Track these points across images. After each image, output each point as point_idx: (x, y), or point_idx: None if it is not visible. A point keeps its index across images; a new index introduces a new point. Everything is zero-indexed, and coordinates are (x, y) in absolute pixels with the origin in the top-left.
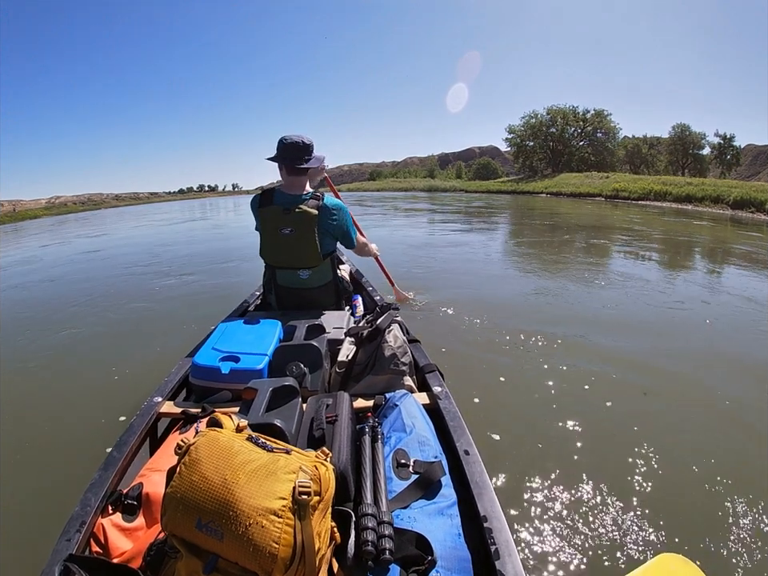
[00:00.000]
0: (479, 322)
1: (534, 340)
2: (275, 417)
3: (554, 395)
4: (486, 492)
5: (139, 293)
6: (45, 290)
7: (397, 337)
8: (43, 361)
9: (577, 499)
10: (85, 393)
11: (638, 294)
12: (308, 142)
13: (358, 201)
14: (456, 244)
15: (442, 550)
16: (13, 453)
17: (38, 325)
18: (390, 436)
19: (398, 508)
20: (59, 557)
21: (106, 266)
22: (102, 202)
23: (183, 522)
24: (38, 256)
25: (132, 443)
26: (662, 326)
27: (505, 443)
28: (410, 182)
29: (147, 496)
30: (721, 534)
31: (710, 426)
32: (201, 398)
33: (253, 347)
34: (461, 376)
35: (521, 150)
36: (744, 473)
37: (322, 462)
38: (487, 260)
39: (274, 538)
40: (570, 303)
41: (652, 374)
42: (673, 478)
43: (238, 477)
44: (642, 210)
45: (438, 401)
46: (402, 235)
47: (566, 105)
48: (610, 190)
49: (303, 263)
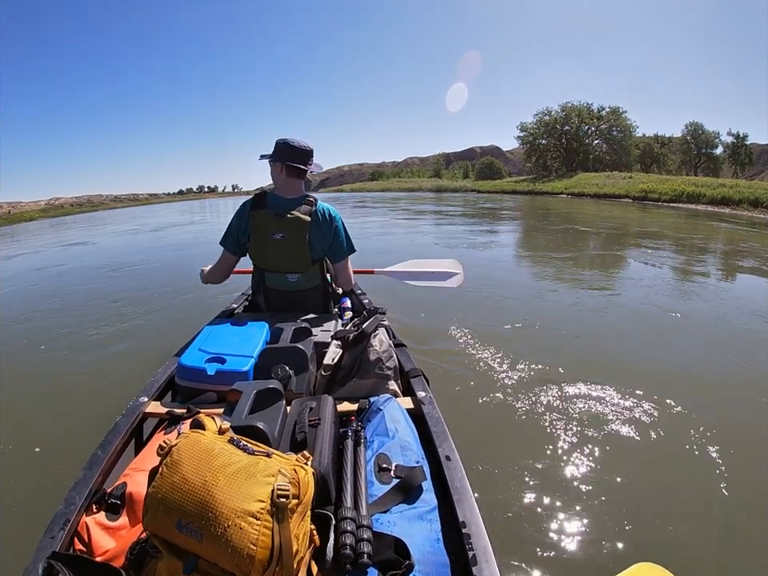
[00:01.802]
0: (469, 329)
1: (526, 351)
2: (258, 419)
3: (539, 403)
4: (466, 498)
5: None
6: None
7: (382, 341)
8: (27, 362)
9: (555, 507)
10: (70, 392)
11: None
12: (306, 147)
13: (361, 202)
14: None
15: (420, 555)
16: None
17: (22, 326)
18: (372, 440)
19: (378, 512)
20: (43, 554)
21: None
22: (100, 203)
23: (164, 522)
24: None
25: (117, 443)
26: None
27: (487, 450)
28: (417, 182)
29: (131, 495)
30: (699, 543)
31: (694, 438)
32: (186, 398)
33: (239, 349)
34: (445, 381)
35: (534, 149)
36: (724, 484)
37: (302, 466)
38: (517, 269)
39: (252, 540)
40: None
41: (647, 387)
42: (652, 488)
43: (217, 479)
44: (677, 213)
45: (422, 406)
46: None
47: (580, 102)
48: (637, 191)
49: (293, 268)
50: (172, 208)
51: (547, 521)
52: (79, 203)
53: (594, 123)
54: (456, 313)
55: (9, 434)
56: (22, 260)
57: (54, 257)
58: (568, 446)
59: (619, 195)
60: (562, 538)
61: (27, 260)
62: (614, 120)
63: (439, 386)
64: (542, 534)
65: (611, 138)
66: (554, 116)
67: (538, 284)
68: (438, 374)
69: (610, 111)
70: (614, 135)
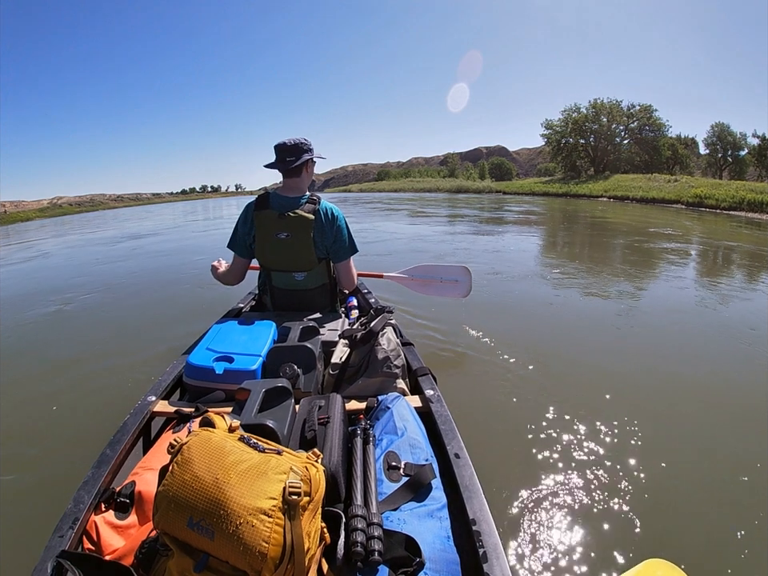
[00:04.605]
0: (478, 329)
1: (534, 348)
2: (268, 418)
3: (548, 401)
4: (476, 495)
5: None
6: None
7: (390, 339)
8: (36, 361)
9: (565, 505)
10: (78, 392)
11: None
12: (293, 142)
13: (384, 204)
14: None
15: (430, 552)
16: (6, 451)
17: (28, 320)
18: (381, 438)
19: (387, 510)
20: (52, 553)
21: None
22: (100, 203)
23: (175, 520)
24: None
25: (125, 442)
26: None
27: (496, 447)
28: (435, 183)
29: (140, 494)
30: (708, 539)
31: (702, 434)
32: (194, 397)
33: (247, 348)
34: (453, 380)
35: (561, 148)
36: (732, 479)
37: (313, 464)
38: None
39: (264, 537)
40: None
41: (647, 387)
42: (661, 485)
43: (229, 476)
44: (750, 225)
45: (430, 404)
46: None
47: (609, 99)
48: (690, 196)
49: (298, 266)
50: (171, 207)
51: (557, 518)
52: (80, 203)
53: (624, 122)
54: (464, 312)
55: (18, 434)
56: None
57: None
58: (578, 443)
59: (670, 200)
60: (573, 534)
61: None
62: (647, 118)
63: (447, 384)
64: (553, 530)
65: (643, 137)
66: (582, 113)
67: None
68: (446, 373)
69: (640, 108)
70: (647, 135)
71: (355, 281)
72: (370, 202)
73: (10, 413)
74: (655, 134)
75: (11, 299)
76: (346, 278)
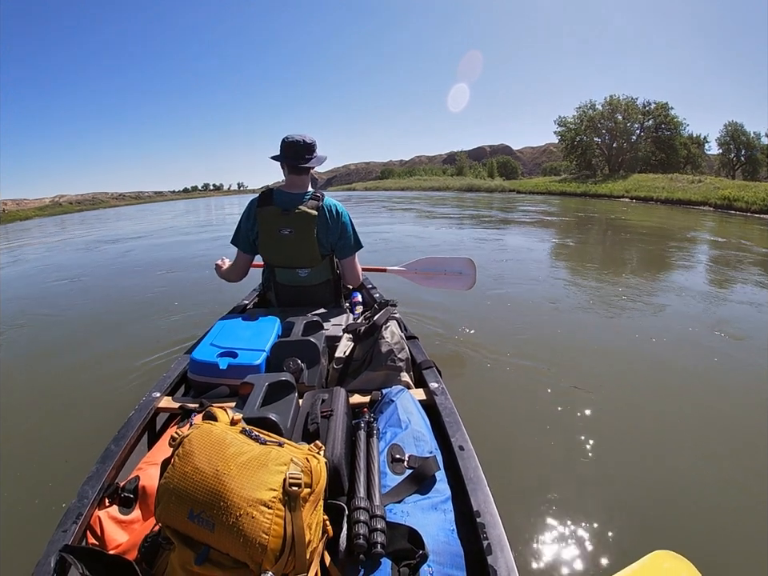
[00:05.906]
0: (483, 322)
1: (538, 342)
2: (271, 411)
3: (553, 392)
4: (480, 488)
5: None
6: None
7: (394, 333)
8: (42, 355)
9: (570, 496)
10: (84, 388)
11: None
12: (310, 141)
13: (398, 201)
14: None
15: (434, 545)
16: (11, 445)
17: (28, 320)
18: (385, 431)
19: (391, 502)
20: (55, 547)
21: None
22: (101, 201)
23: (176, 512)
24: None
25: (130, 437)
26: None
27: (500, 440)
28: (444, 181)
29: (144, 489)
30: (715, 530)
31: (707, 426)
32: (199, 393)
33: (251, 343)
34: (458, 373)
35: (576, 146)
36: (738, 471)
37: (314, 455)
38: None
39: (264, 529)
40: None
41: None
42: (667, 475)
43: (229, 468)
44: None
45: (435, 397)
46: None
47: (625, 96)
48: (718, 197)
49: (302, 263)
50: (171, 206)
51: (562, 509)
52: (80, 201)
53: (640, 119)
54: (470, 306)
55: (22, 429)
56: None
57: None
58: (584, 434)
59: (696, 202)
60: (578, 526)
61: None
62: (663, 116)
63: (452, 377)
64: (557, 522)
65: (659, 135)
66: (598, 110)
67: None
68: (451, 366)
69: (656, 106)
70: (665, 134)
71: (360, 277)
72: (379, 200)
73: (15, 408)
74: (671, 132)
75: (20, 291)
76: (351, 274)
